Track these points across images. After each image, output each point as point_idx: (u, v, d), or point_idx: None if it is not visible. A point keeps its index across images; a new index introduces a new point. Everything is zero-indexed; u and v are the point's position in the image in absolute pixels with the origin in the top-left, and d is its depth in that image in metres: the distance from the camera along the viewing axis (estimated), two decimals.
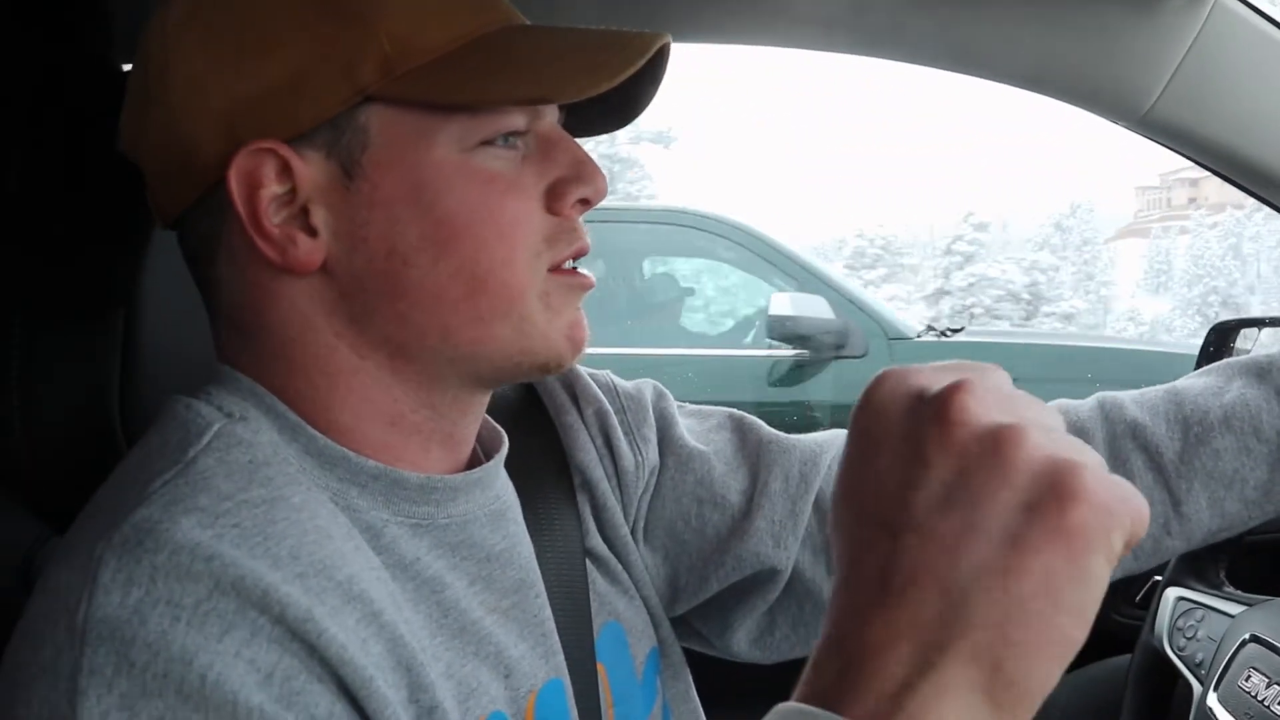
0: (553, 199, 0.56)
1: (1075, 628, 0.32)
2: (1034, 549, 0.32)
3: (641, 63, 0.53)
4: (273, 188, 0.52)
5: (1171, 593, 1.12)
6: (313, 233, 0.53)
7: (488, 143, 0.54)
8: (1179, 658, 1.08)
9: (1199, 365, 1.25)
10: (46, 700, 0.42)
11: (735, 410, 0.77)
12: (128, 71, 0.71)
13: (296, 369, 0.55)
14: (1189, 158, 0.98)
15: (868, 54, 0.98)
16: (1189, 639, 1.06)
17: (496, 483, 0.61)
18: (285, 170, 0.52)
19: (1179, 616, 1.10)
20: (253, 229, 0.52)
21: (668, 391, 0.76)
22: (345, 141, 0.52)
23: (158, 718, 0.41)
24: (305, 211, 0.53)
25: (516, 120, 0.54)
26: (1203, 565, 1.13)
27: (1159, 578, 1.26)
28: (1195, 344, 1.32)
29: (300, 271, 0.53)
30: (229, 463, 0.49)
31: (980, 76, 0.97)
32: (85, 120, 0.68)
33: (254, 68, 0.51)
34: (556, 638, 0.61)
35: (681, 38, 0.96)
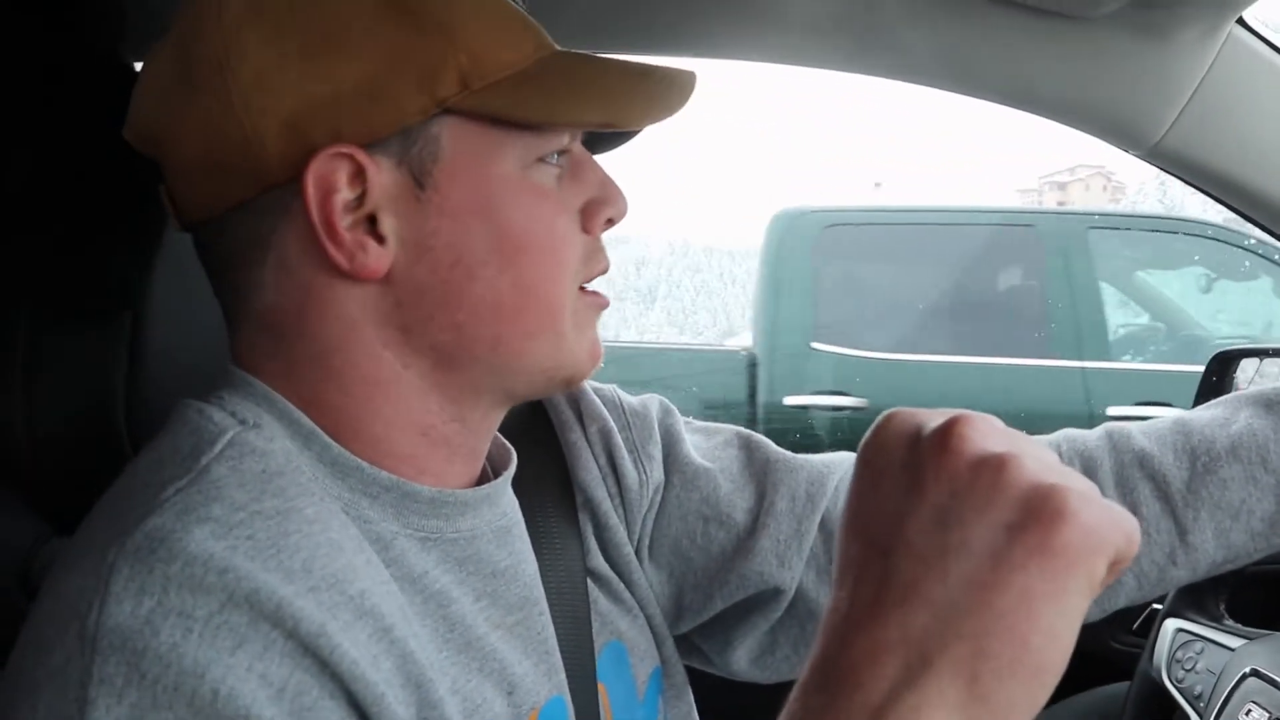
0: (586, 218, 0.58)
1: (1049, 649, 0.33)
2: (1015, 565, 0.33)
3: (686, 101, 0.56)
4: (345, 193, 0.51)
5: (1171, 624, 1.12)
6: (380, 240, 0.53)
7: (542, 160, 0.55)
8: (1178, 689, 1.07)
9: (1201, 393, 1.25)
10: (54, 707, 0.42)
11: (743, 429, 0.77)
12: (140, 69, 0.72)
13: (334, 376, 0.54)
14: (1199, 188, 0.98)
15: (870, 73, 0.98)
16: (1188, 671, 1.06)
17: (504, 499, 0.61)
18: (357, 176, 0.51)
19: (1178, 648, 1.09)
20: (325, 234, 0.51)
21: (674, 408, 0.76)
22: (417, 151, 0.52)
23: None
24: (372, 219, 0.52)
25: (563, 140, 0.56)
26: (1203, 597, 1.13)
27: (1157, 605, 1.25)
28: None
29: (366, 278, 0.53)
30: (242, 471, 0.49)
31: (987, 99, 0.97)
32: (94, 119, 0.68)
33: (328, 70, 0.51)
34: (559, 656, 0.61)
35: (674, 52, 0.96)
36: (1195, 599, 1.13)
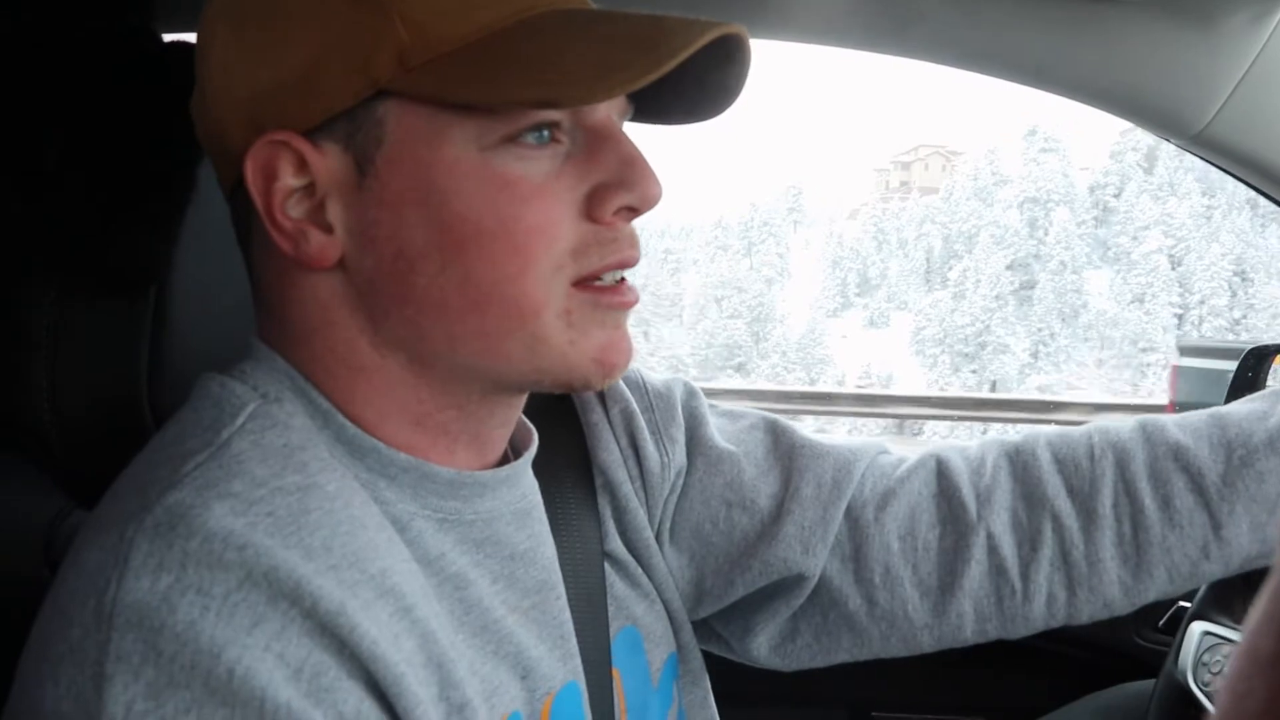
0: (592, 205, 0.52)
1: None
2: None
3: (671, 65, 0.47)
4: (288, 180, 0.50)
5: (1197, 626, 1.10)
6: (328, 228, 0.51)
7: (512, 140, 0.50)
8: (1203, 693, 1.05)
9: (1234, 388, 1.23)
10: (73, 682, 0.42)
11: (770, 414, 0.76)
12: (171, 42, 0.71)
13: (319, 360, 0.54)
14: (1242, 179, 0.96)
15: (907, 56, 0.97)
16: (1214, 674, 1.04)
17: (524, 481, 0.60)
18: (303, 164, 0.50)
19: (1204, 651, 1.07)
20: (267, 220, 0.51)
21: (699, 390, 0.75)
22: (361, 136, 0.50)
23: (184, 709, 0.41)
24: (323, 206, 0.51)
25: (549, 114, 0.50)
26: (1230, 599, 1.11)
27: (1185, 603, 1.23)
28: None
29: (313, 266, 0.52)
30: (263, 446, 0.48)
31: (1026, 84, 0.95)
32: (122, 94, 0.68)
33: (275, 56, 0.50)
34: (575, 641, 0.60)
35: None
36: (1223, 601, 1.11)
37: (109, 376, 0.66)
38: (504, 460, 0.60)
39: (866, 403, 8.68)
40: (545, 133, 0.51)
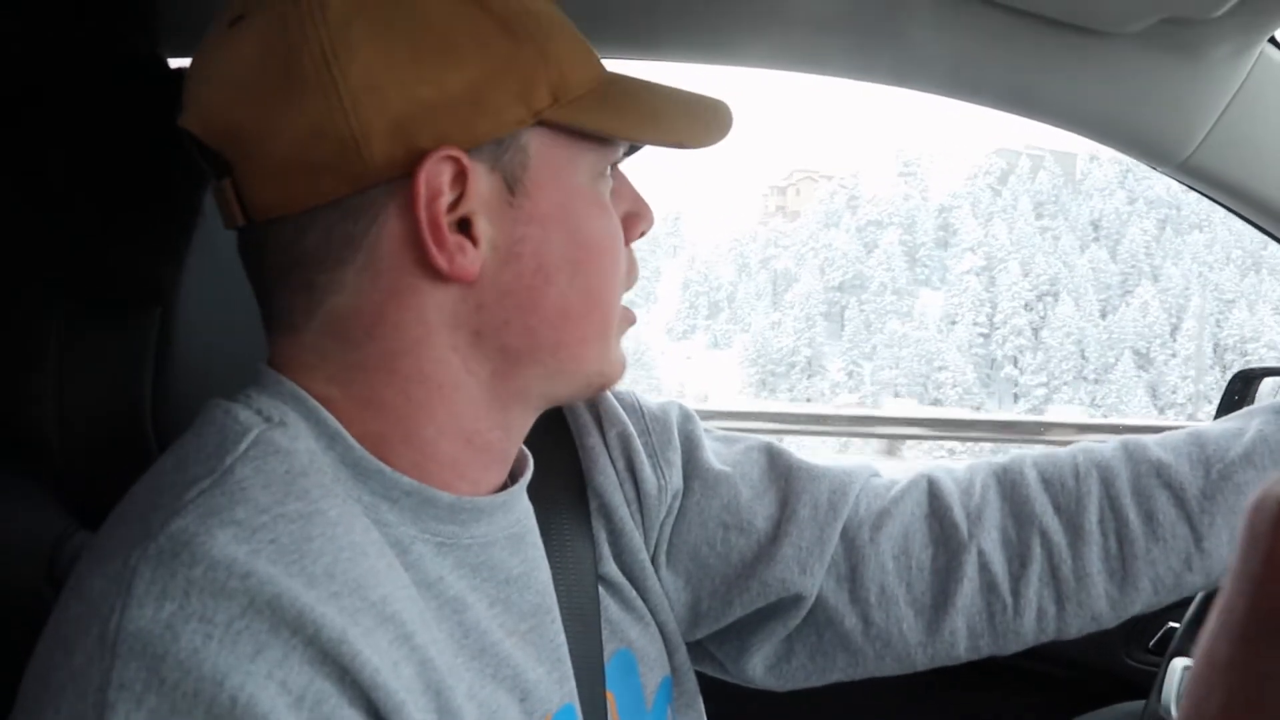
0: (625, 231, 0.60)
1: None
2: None
3: (731, 125, 0.60)
4: (448, 195, 0.52)
5: (1179, 663, 1.11)
6: (476, 243, 0.54)
7: (603, 174, 0.58)
8: None
9: (1222, 410, 1.24)
10: (75, 709, 0.42)
11: (763, 438, 0.77)
12: (177, 69, 0.72)
13: (397, 380, 0.54)
14: (1227, 206, 0.98)
15: (894, 85, 0.98)
16: None
17: (519, 506, 0.61)
18: (457, 180, 0.52)
19: (1187, 686, 1.08)
20: (430, 235, 0.52)
21: (695, 414, 0.76)
22: (508, 159, 0.54)
23: None
24: (466, 222, 0.53)
25: (619, 155, 0.59)
26: None
27: (1174, 624, 1.24)
28: None
29: (461, 279, 0.53)
30: (266, 472, 0.49)
31: (1015, 114, 0.96)
32: (130, 117, 0.69)
33: (436, 74, 0.51)
34: (570, 664, 0.61)
35: (678, 57, 0.96)
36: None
37: (114, 396, 0.67)
38: (500, 485, 0.61)
39: (858, 423, 8.70)
40: (610, 170, 0.59)
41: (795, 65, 0.98)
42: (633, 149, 0.63)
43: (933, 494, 0.73)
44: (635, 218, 0.61)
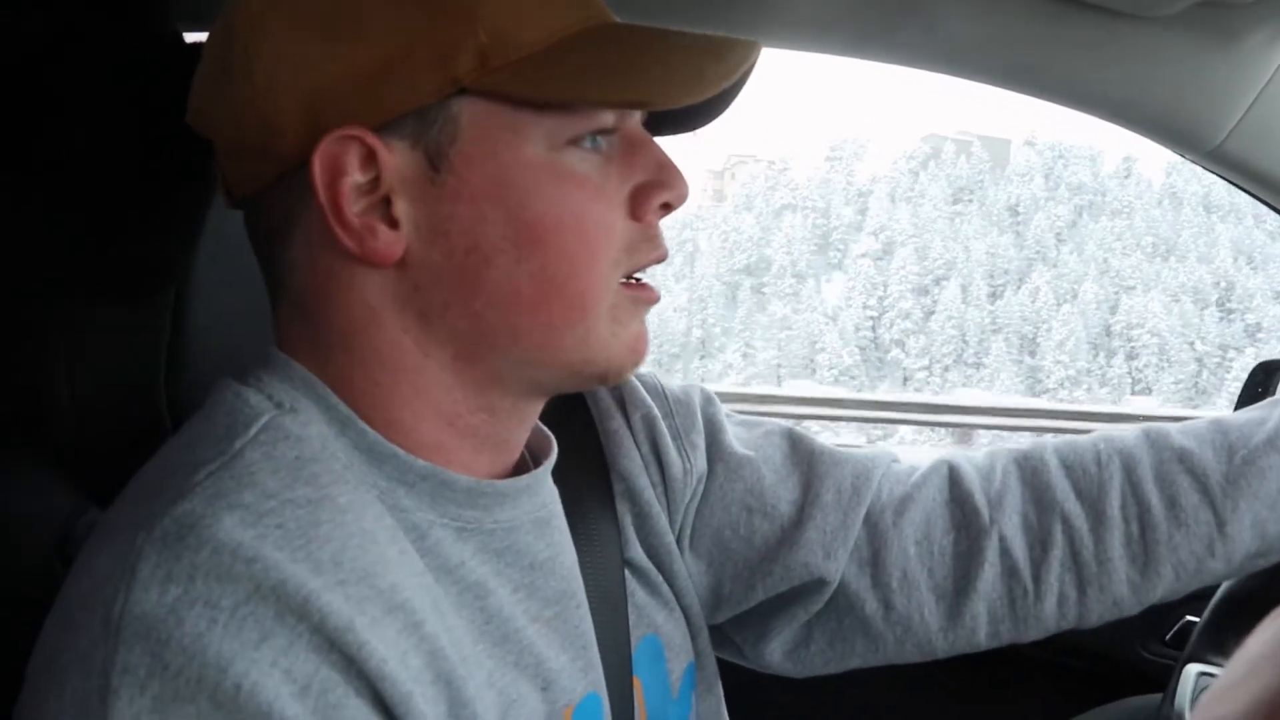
0: (636, 204, 0.55)
1: None
2: None
3: (739, 74, 0.52)
4: (355, 176, 0.50)
5: (1192, 668, 1.10)
6: (393, 224, 0.51)
7: (575, 143, 0.52)
8: None
9: (1242, 401, 1.23)
10: (78, 692, 0.42)
11: (784, 423, 0.77)
12: (191, 44, 0.72)
13: (358, 362, 0.53)
14: (1256, 196, 0.96)
15: (925, 67, 0.97)
16: None
17: (543, 490, 0.60)
18: (370, 159, 0.50)
19: (1200, 692, 1.07)
20: (333, 217, 0.50)
21: (716, 398, 0.76)
22: (434, 133, 0.51)
23: None
24: (387, 202, 0.51)
25: (606, 119, 0.53)
26: (1224, 640, 1.10)
27: (1192, 618, 1.23)
28: None
29: (378, 263, 0.51)
30: (276, 458, 0.48)
31: (1044, 98, 0.95)
32: (147, 94, 0.68)
33: (344, 50, 0.50)
34: (596, 650, 0.60)
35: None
36: (1217, 642, 1.10)
37: (127, 376, 0.67)
38: (522, 468, 0.60)
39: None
40: (599, 138, 0.53)
41: (818, 45, 0.97)
42: (699, 112, 0.58)
43: (953, 480, 0.72)
44: (653, 188, 0.55)
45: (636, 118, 0.56)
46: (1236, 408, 1.23)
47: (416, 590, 0.49)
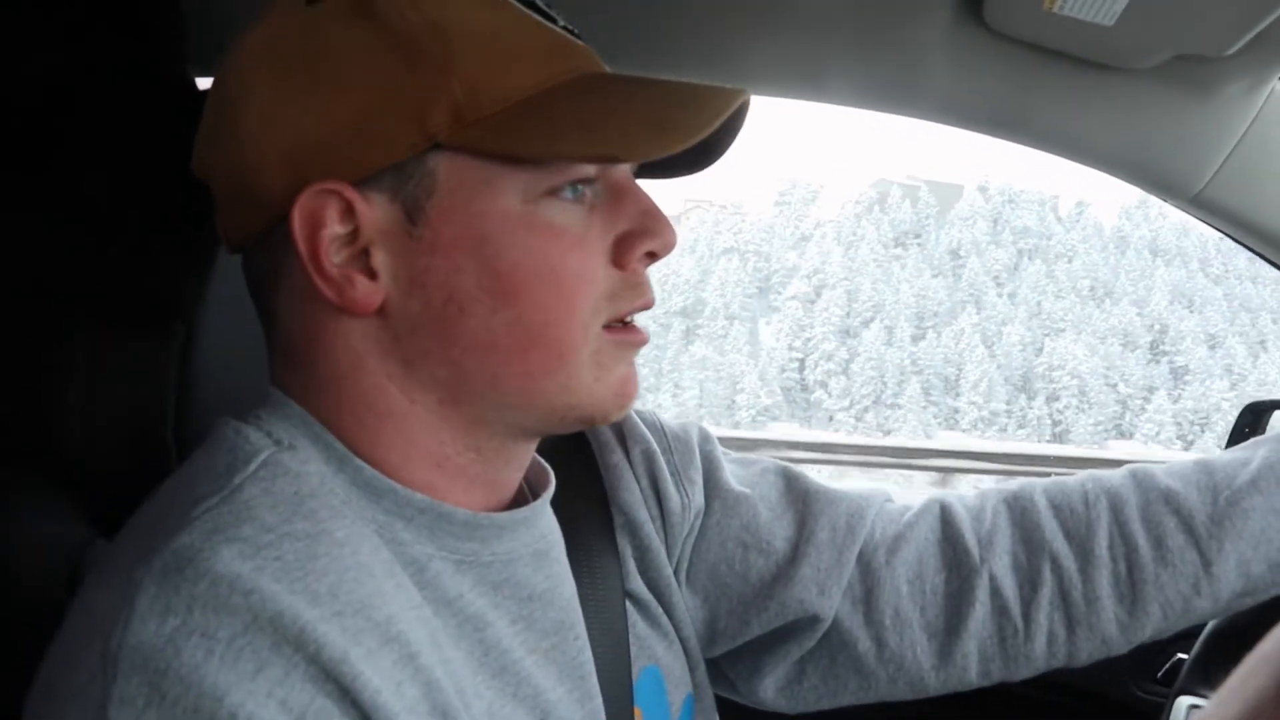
0: (619, 253, 0.55)
1: None
2: None
3: (715, 125, 0.52)
4: (335, 228, 0.51)
5: (1183, 701, 1.10)
6: (372, 275, 0.52)
7: (553, 194, 0.53)
8: None
9: (1232, 441, 1.24)
10: None
11: (779, 461, 0.78)
12: (203, 91, 0.73)
13: (345, 405, 0.54)
14: (1238, 241, 0.98)
15: (913, 116, 0.99)
16: None
17: (542, 522, 0.61)
18: (349, 212, 0.51)
19: None
20: (312, 268, 0.52)
21: (713, 436, 0.77)
22: (411, 187, 0.52)
23: None
24: (366, 253, 0.52)
25: (586, 170, 0.54)
26: (1213, 674, 1.10)
27: (1183, 655, 1.24)
28: None
29: (357, 312, 0.53)
30: (274, 493, 0.49)
31: (1030, 146, 0.97)
32: (161, 135, 0.70)
33: (322, 107, 0.51)
34: (595, 681, 0.61)
35: (684, 77, 0.96)
36: (1206, 675, 1.10)
37: (136, 409, 0.67)
38: (520, 501, 0.61)
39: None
40: (580, 187, 0.54)
41: (803, 91, 0.99)
42: (689, 161, 0.59)
43: (945, 519, 0.73)
44: (637, 236, 0.55)
45: (623, 167, 0.56)
46: (1226, 448, 1.25)
47: (414, 622, 0.49)
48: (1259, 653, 0.35)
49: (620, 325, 0.56)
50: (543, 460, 0.65)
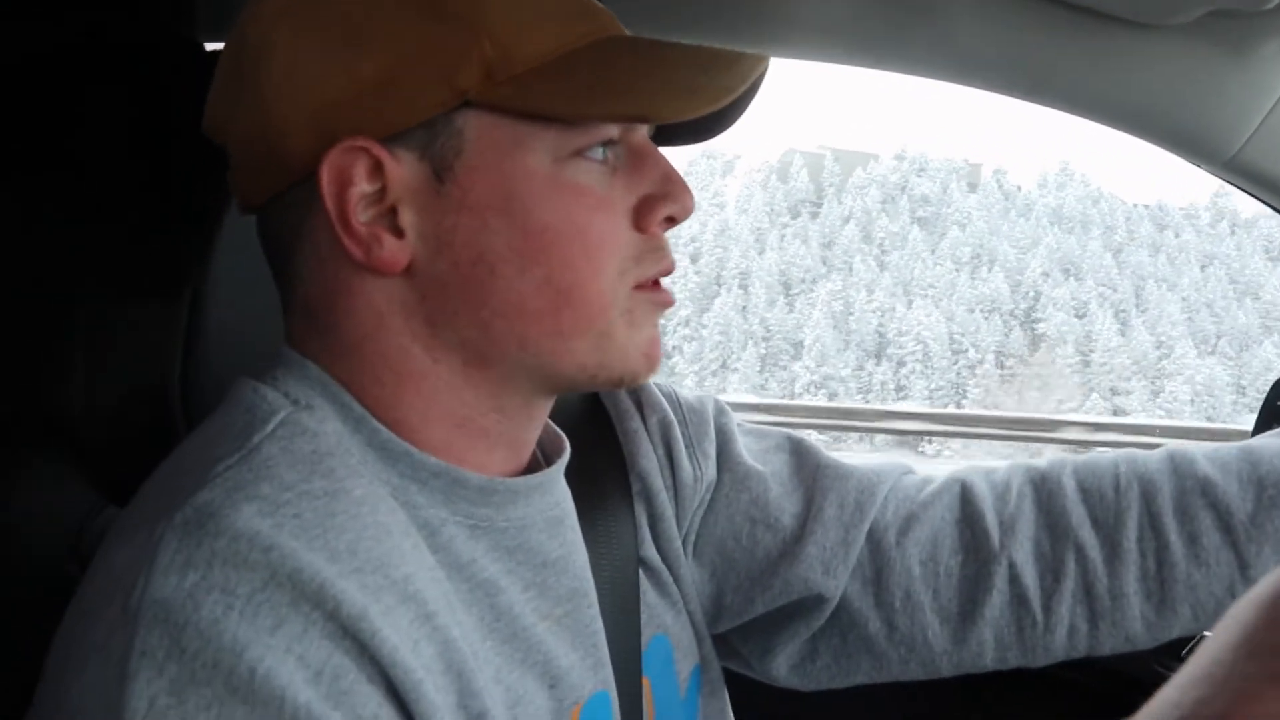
0: (640, 216, 0.55)
1: None
2: None
3: (741, 90, 0.52)
4: (363, 186, 0.51)
5: None
6: (399, 233, 0.52)
7: (579, 154, 0.53)
8: None
9: (1262, 420, 1.21)
10: (97, 677, 0.43)
11: (794, 433, 0.77)
12: (212, 51, 0.73)
13: (367, 366, 0.54)
14: (1271, 205, 0.95)
15: (936, 77, 0.97)
16: None
17: (556, 488, 0.60)
18: (376, 169, 0.51)
19: None
20: (340, 226, 0.51)
21: (728, 408, 0.76)
22: (439, 145, 0.51)
23: (204, 706, 0.41)
24: (393, 211, 0.52)
25: (611, 131, 0.53)
26: None
27: (1209, 633, 1.22)
28: None
29: (384, 271, 0.52)
30: (293, 451, 0.49)
31: (1057, 108, 0.95)
32: (167, 100, 0.69)
33: (351, 63, 0.51)
34: (606, 649, 0.60)
35: (707, 41, 0.94)
36: None
37: (142, 377, 0.67)
38: (534, 467, 0.61)
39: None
40: (604, 149, 0.54)
41: (826, 53, 0.97)
42: (701, 126, 0.59)
43: (965, 499, 0.71)
44: (658, 200, 0.55)
45: (643, 129, 0.56)
46: (1257, 423, 1.22)
47: (429, 583, 0.49)
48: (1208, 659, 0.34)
49: (650, 284, 0.56)
50: (556, 428, 0.64)
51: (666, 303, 0.57)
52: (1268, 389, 1.17)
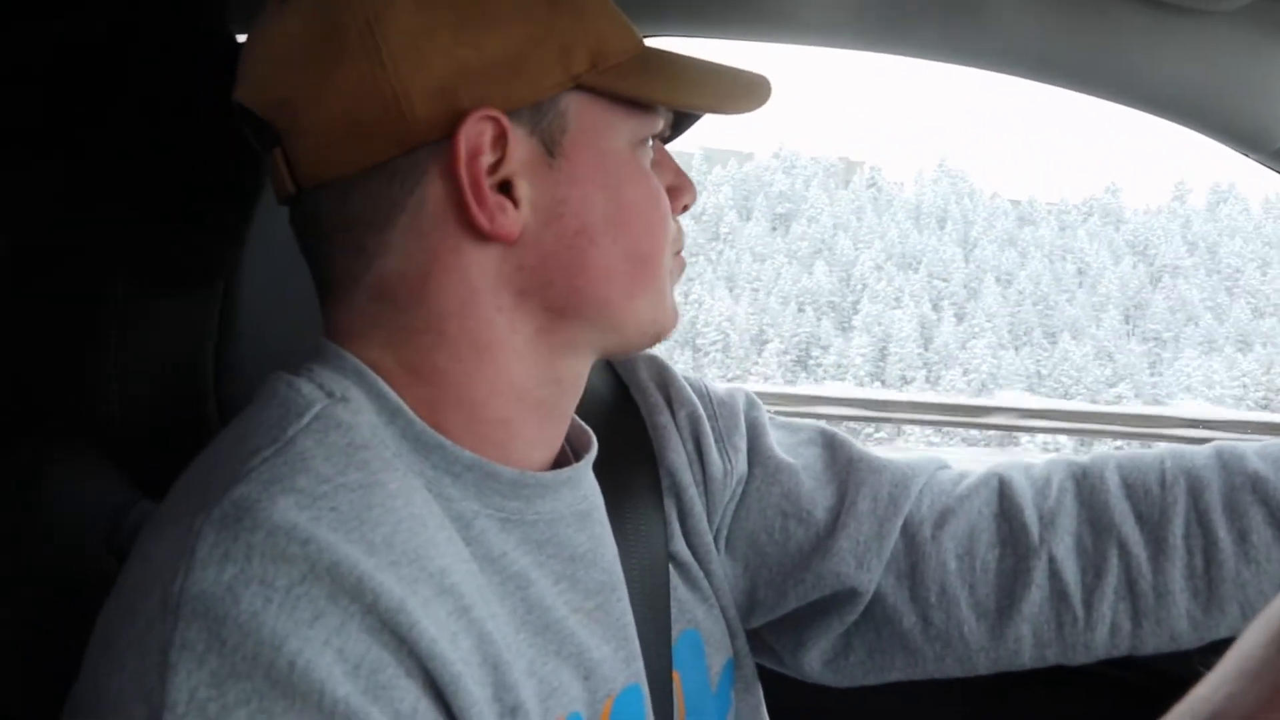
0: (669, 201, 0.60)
1: None
2: None
3: (770, 94, 0.61)
4: (488, 156, 0.53)
5: None
6: (516, 204, 0.54)
7: (643, 142, 0.58)
8: None
9: None
10: (138, 670, 0.43)
11: (827, 426, 0.76)
12: (248, 38, 0.72)
13: (446, 342, 0.55)
14: None
15: (979, 66, 0.95)
16: None
17: (585, 482, 0.61)
18: (499, 141, 0.53)
19: None
20: (472, 194, 0.52)
21: (759, 401, 0.76)
22: (547, 123, 0.54)
23: (244, 699, 0.41)
24: (508, 184, 0.54)
25: (660, 126, 0.59)
26: None
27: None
28: None
29: (502, 239, 0.54)
30: (328, 444, 0.49)
31: (1100, 97, 0.93)
32: (201, 90, 0.69)
33: (475, 37, 0.52)
34: (637, 642, 0.60)
35: (684, 33, 0.93)
36: None
37: (176, 369, 0.68)
38: (563, 462, 0.61)
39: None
40: (651, 139, 0.59)
41: (863, 42, 0.95)
42: (676, 129, 0.64)
43: (1004, 493, 0.70)
44: (677, 190, 0.61)
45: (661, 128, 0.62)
46: None
47: (464, 575, 0.50)
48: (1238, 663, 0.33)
49: (677, 255, 0.62)
50: (584, 424, 0.64)
51: (684, 266, 0.63)
52: (1063, 380, 1.14)
